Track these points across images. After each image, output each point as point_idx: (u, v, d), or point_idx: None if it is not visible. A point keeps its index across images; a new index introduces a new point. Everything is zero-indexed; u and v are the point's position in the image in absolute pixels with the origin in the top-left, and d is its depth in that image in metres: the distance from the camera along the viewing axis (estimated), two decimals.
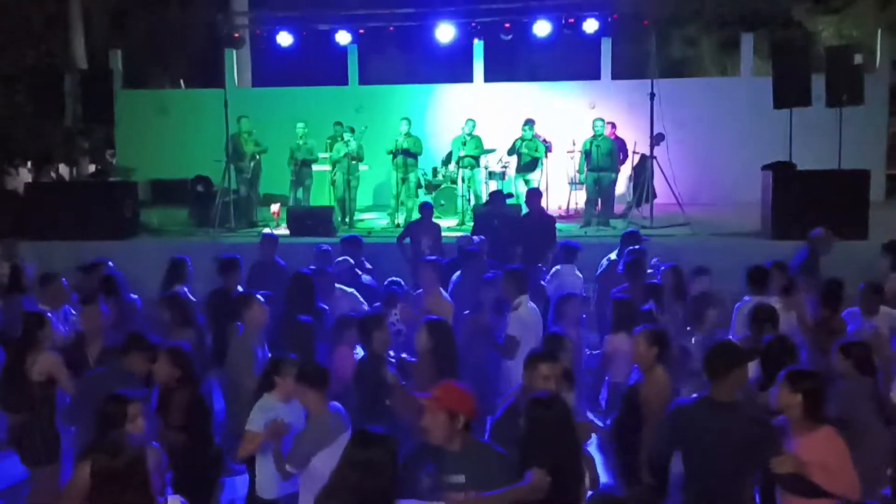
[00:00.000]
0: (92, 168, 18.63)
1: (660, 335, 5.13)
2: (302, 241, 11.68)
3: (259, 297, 6.06)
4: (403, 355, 5.85)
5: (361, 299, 7.27)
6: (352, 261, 8.11)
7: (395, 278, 7.27)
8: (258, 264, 8.48)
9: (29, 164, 20.50)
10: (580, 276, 8.31)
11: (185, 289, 7.28)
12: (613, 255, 8.47)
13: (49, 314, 6.08)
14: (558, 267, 8.35)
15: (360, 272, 8.19)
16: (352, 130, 13.59)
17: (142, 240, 12.69)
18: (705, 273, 7.51)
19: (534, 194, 10.29)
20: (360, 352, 5.70)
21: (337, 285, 7.27)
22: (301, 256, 9.57)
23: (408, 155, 13.42)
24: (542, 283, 8.02)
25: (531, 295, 6.71)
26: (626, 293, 6.95)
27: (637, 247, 8.03)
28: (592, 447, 5.55)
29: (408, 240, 10.04)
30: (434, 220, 10.60)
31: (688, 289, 7.19)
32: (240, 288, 7.25)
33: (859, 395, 4.88)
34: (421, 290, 7.18)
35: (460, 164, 13.67)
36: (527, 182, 13.32)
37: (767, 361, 5.04)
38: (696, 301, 7.13)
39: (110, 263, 8.07)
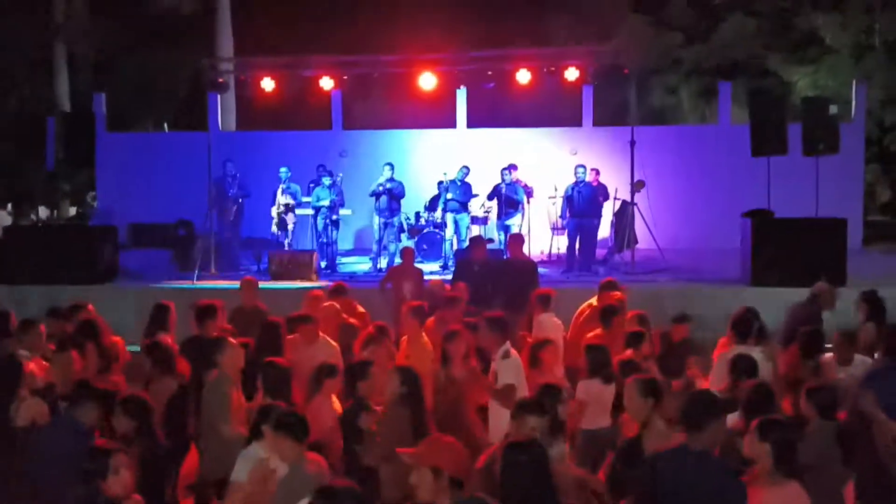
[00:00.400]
0: (73, 210, 18.57)
1: (653, 385, 4.93)
2: (284, 285, 11.64)
3: (232, 340, 5.99)
4: None
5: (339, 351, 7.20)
6: (338, 306, 8.08)
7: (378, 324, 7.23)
8: (239, 309, 8.43)
9: (9, 206, 20.41)
10: (559, 323, 8.29)
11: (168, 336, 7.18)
12: (594, 301, 8.47)
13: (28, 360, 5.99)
14: (541, 316, 8.31)
15: (346, 317, 8.15)
16: (330, 174, 13.63)
17: (121, 284, 12.56)
18: (686, 320, 7.47)
19: (515, 240, 10.31)
20: (335, 401, 5.64)
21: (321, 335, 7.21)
22: (283, 300, 9.52)
23: (391, 198, 13.46)
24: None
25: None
26: (601, 339, 6.92)
27: (618, 294, 8.06)
28: None
29: (389, 284, 10.02)
30: (416, 264, 10.59)
31: (657, 336, 7.16)
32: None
33: (822, 439, 4.85)
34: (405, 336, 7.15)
35: (447, 209, 13.73)
36: (507, 227, 13.38)
37: (746, 409, 5.01)
38: (678, 348, 7.14)
39: (90, 308, 7.97)
